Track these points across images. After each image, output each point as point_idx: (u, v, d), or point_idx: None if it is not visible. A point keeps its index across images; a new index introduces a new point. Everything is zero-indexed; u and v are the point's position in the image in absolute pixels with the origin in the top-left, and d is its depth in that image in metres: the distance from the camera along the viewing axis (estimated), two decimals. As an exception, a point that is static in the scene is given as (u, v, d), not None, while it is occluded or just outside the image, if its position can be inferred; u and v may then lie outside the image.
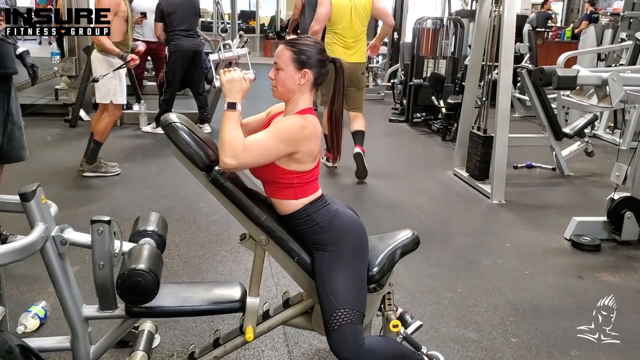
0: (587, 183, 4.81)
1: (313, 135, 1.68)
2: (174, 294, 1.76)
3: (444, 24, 7.03)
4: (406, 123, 7.02)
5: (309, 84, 1.72)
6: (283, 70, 1.69)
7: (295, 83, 1.69)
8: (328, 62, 1.75)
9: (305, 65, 1.69)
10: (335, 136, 1.80)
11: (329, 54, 1.77)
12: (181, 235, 3.28)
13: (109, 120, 4.29)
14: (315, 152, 1.71)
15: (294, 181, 1.70)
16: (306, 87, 1.72)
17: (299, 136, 1.64)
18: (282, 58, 1.70)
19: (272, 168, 1.68)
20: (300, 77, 1.70)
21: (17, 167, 4.46)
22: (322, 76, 1.74)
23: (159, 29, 5.68)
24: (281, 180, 1.69)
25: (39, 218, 1.54)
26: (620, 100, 3.07)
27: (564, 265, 3.16)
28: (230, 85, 1.66)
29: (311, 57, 1.70)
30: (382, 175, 4.80)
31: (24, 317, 2.25)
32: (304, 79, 1.70)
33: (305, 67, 1.70)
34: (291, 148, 1.64)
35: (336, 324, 1.65)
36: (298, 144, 1.65)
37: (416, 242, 1.93)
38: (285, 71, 1.69)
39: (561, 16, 15.02)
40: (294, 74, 1.69)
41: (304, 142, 1.66)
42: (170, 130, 1.67)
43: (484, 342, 2.34)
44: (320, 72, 1.73)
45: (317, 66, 1.71)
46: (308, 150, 1.68)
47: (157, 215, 1.98)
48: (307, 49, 1.70)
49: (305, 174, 1.71)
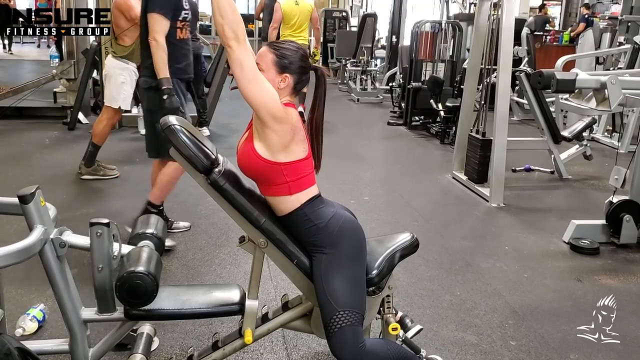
0: (585, 186, 4.82)
1: (291, 124, 1.65)
2: (172, 296, 1.76)
3: (442, 27, 7.05)
4: (404, 126, 7.03)
5: (289, 89, 1.72)
6: (264, 71, 1.68)
7: (275, 86, 1.68)
8: (309, 69, 1.76)
9: (286, 70, 1.69)
10: (316, 144, 1.79)
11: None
12: (180, 238, 3.27)
13: (107, 123, 4.30)
14: (299, 141, 1.69)
15: (287, 179, 1.69)
16: (285, 91, 1.72)
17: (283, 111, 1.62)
18: (265, 60, 1.70)
19: (260, 162, 1.66)
20: (280, 80, 1.69)
21: (16, 169, 4.47)
22: (302, 83, 1.74)
23: None
24: (272, 177, 1.68)
25: (37, 220, 1.54)
26: (619, 103, 3.07)
27: (563, 269, 3.16)
28: None
29: (293, 62, 1.70)
30: (380, 178, 4.80)
31: (22, 319, 2.24)
32: (284, 84, 1.70)
33: (286, 71, 1.70)
34: (272, 97, 1.61)
35: (336, 326, 1.65)
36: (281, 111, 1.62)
37: (415, 245, 1.93)
38: (266, 73, 1.68)
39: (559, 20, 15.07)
40: (274, 76, 1.69)
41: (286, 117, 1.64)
42: (169, 133, 1.67)
43: (483, 345, 2.34)
44: (301, 79, 1.73)
45: (297, 72, 1.71)
46: (290, 137, 1.65)
47: (156, 217, 1.98)
48: (289, 54, 1.70)
49: (294, 165, 1.68)
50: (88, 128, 5.97)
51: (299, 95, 1.81)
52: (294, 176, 1.70)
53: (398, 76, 7.82)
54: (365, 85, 9.02)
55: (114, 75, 4.26)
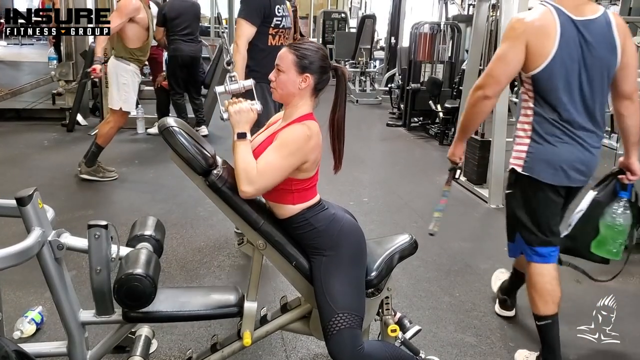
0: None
1: (318, 145, 1.69)
2: (171, 298, 1.76)
3: (441, 28, 7.05)
4: (403, 127, 7.03)
5: (309, 89, 1.72)
6: (285, 73, 1.70)
7: (296, 87, 1.70)
8: (330, 69, 1.76)
9: (306, 70, 1.70)
10: (337, 144, 1.80)
11: None
12: (178, 240, 3.27)
13: (113, 125, 4.29)
14: (319, 160, 1.73)
15: (293, 188, 1.70)
16: (306, 91, 1.72)
17: (306, 148, 1.65)
18: (285, 61, 1.70)
19: None
20: (301, 81, 1.70)
21: (14, 171, 4.46)
22: (323, 82, 1.75)
23: (160, 32, 5.69)
24: (280, 186, 1.69)
25: (35, 223, 1.54)
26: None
27: (561, 270, 3.14)
28: (239, 116, 1.68)
29: (313, 62, 1.71)
30: (379, 180, 4.80)
31: (20, 322, 2.24)
32: (305, 84, 1.71)
33: (307, 71, 1.70)
34: (301, 160, 1.65)
35: (335, 328, 1.65)
36: (306, 155, 1.66)
37: (414, 247, 1.93)
38: (287, 74, 1.70)
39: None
40: (295, 77, 1.70)
41: (311, 152, 1.67)
42: (168, 135, 1.67)
43: (482, 346, 2.34)
44: (321, 78, 1.74)
45: (318, 72, 1.72)
46: (314, 159, 1.69)
47: (155, 219, 1.98)
48: (310, 54, 1.71)
49: (305, 181, 1.71)
50: (87, 130, 5.97)
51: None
52: (301, 188, 1.71)
53: (397, 77, 7.82)
54: (364, 87, 9.03)
55: (115, 77, 4.25)
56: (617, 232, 2.24)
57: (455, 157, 2.36)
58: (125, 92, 4.27)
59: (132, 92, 4.33)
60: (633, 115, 2.11)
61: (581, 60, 1.98)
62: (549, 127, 2.04)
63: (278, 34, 3.09)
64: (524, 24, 2.00)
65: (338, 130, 1.79)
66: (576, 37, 1.97)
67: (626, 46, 2.02)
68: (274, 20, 3.04)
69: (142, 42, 4.26)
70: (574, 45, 1.97)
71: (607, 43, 1.99)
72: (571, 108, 2.01)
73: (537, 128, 2.06)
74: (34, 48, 14.11)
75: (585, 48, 1.97)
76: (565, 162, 2.06)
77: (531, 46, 1.97)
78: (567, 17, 1.97)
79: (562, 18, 1.96)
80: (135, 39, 4.20)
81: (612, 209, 2.26)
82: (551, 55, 1.96)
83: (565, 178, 2.08)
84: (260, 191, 1.66)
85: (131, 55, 4.25)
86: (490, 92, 2.05)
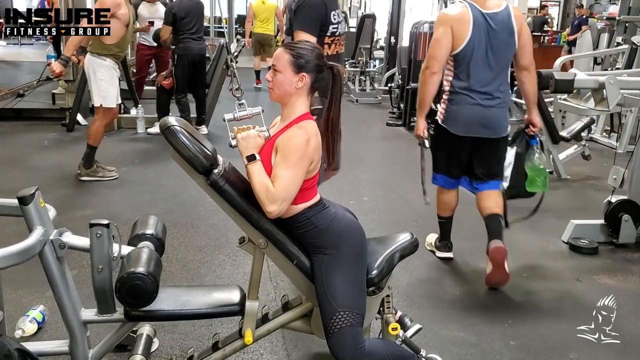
0: (584, 186, 4.82)
1: (318, 144, 1.70)
2: (172, 297, 1.76)
3: (441, 28, 7.03)
4: (403, 127, 7.02)
5: (306, 88, 1.73)
6: (281, 72, 1.70)
7: (293, 86, 1.70)
8: (326, 67, 1.76)
9: (303, 69, 1.70)
10: (332, 142, 1.80)
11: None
12: (179, 239, 3.27)
13: (99, 123, 4.27)
14: (320, 159, 1.73)
15: None
16: (303, 90, 1.73)
17: (308, 152, 1.66)
18: (281, 61, 1.71)
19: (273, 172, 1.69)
20: (297, 80, 1.71)
21: (15, 171, 4.47)
22: (319, 81, 1.75)
23: (167, 32, 5.70)
24: None
25: (37, 222, 1.54)
26: (617, 103, 3.08)
27: (562, 268, 3.16)
28: (246, 142, 1.70)
29: (309, 61, 1.71)
30: (379, 179, 4.80)
31: (22, 321, 2.24)
32: (301, 83, 1.71)
33: (303, 71, 1.70)
34: (308, 163, 1.67)
35: (336, 326, 1.65)
36: (311, 157, 1.67)
37: (415, 245, 1.94)
38: (283, 74, 1.70)
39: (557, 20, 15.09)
40: (291, 77, 1.70)
41: (314, 154, 1.69)
42: (169, 134, 1.67)
43: (482, 344, 2.35)
44: (318, 77, 1.74)
45: (314, 71, 1.72)
46: (317, 159, 1.71)
47: (156, 218, 1.98)
48: (305, 53, 1.72)
49: (307, 181, 1.71)
50: (87, 129, 5.96)
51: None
52: (303, 187, 1.71)
53: (397, 77, 7.82)
54: (364, 86, 9.01)
55: (93, 73, 4.20)
56: (539, 170, 3.02)
57: (420, 132, 3.02)
58: (103, 88, 4.20)
59: (111, 87, 4.24)
60: (530, 82, 2.91)
61: (488, 43, 2.69)
62: (459, 95, 2.79)
63: (334, 42, 2.83)
64: (449, 16, 2.77)
65: (333, 128, 1.79)
66: (484, 25, 2.68)
67: (522, 31, 2.74)
68: (331, 28, 2.77)
69: (119, 37, 4.19)
70: (483, 31, 2.68)
71: (508, 29, 2.71)
72: (479, 78, 2.73)
73: (452, 96, 2.83)
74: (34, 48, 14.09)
75: (491, 33, 2.68)
76: (469, 119, 2.80)
77: (454, 31, 2.69)
78: (478, 11, 2.68)
79: (474, 11, 2.68)
80: (112, 34, 4.13)
81: (530, 155, 3.01)
82: (467, 38, 2.68)
83: (469, 131, 2.82)
84: (285, 206, 1.66)
85: (108, 50, 4.18)
86: (435, 69, 2.77)
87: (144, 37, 6.64)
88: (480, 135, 2.82)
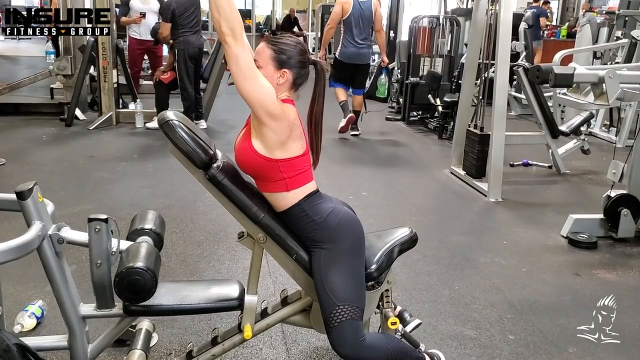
0: (583, 181, 4.83)
1: (285, 116, 1.62)
2: (171, 292, 1.75)
3: (440, 22, 7.04)
4: (403, 121, 7.03)
5: (288, 84, 1.70)
6: (262, 68, 1.66)
7: (274, 82, 1.66)
8: (309, 63, 1.74)
9: (284, 65, 1.67)
10: (315, 139, 1.78)
11: None
12: (178, 234, 3.27)
13: None
14: (300, 137, 1.68)
15: (284, 174, 1.68)
16: (284, 87, 1.70)
17: (274, 102, 1.60)
18: (262, 56, 1.67)
19: (257, 159, 1.65)
20: (279, 76, 1.67)
21: (13, 166, 4.46)
22: (302, 77, 1.72)
23: (167, 29, 5.67)
24: (270, 173, 1.68)
25: (35, 216, 1.53)
26: (617, 97, 3.07)
27: (561, 263, 3.17)
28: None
29: (291, 57, 1.68)
30: (378, 174, 4.80)
31: (20, 316, 2.24)
32: (283, 79, 1.68)
33: (285, 67, 1.68)
34: (271, 92, 1.60)
35: (336, 320, 1.65)
36: (272, 105, 1.59)
37: (414, 240, 1.93)
38: (265, 69, 1.66)
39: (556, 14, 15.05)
40: (272, 72, 1.67)
41: (289, 113, 1.63)
42: (167, 128, 1.66)
43: (481, 339, 2.35)
44: (300, 73, 1.71)
45: (296, 67, 1.69)
46: (291, 125, 1.64)
47: (155, 213, 1.97)
48: (288, 48, 1.68)
49: (292, 162, 1.67)
50: (85, 124, 5.97)
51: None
52: (291, 173, 1.69)
53: (396, 71, 7.81)
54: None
55: None
56: (382, 84, 7.28)
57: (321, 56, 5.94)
58: None
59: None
60: (381, 38, 6.04)
61: (359, 16, 5.68)
62: (346, 41, 5.78)
63: None
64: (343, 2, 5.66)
65: (316, 124, 1.77)
66: (359, 7, 5.66)
67: (376, 11, 5.78)
68: None
69: None
70: (358, 10, 5.66)
71: (369, 10, 5.71)
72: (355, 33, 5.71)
73: (343, 42, 5.79)
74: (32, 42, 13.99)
75: (361, 11, 5.67)
76: (349, 54, 5.80)
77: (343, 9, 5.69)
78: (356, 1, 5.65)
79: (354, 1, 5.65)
80: None
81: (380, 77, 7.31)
82: (349, 12, 5.66)
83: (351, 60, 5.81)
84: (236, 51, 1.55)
85: None
86: (332, 25, 5.89)
87: (135, 30, 6.48)
88: (356, 62, 5.83)
